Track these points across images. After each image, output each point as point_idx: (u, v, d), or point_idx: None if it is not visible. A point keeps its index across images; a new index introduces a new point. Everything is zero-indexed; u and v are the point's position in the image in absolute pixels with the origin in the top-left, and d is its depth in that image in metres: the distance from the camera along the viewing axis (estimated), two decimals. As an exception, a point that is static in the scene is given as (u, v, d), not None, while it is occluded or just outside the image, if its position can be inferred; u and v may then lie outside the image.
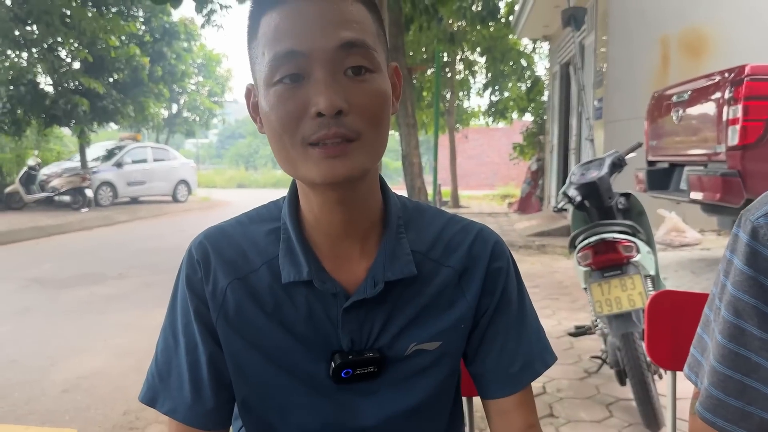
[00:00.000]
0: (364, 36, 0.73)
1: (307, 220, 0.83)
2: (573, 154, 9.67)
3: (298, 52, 0.71)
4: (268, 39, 0.73)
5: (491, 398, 0.89)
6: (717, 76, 3.88)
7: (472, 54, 16.11)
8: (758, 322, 0.68)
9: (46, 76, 13.60)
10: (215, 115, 23.41)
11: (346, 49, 0.71)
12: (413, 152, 7.83)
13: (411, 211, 0.89)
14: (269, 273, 0.83)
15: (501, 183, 23.04)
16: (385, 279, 0.81)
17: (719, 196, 3.67)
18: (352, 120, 0.72)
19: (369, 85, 0.73)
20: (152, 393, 0.86)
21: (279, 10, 0.72)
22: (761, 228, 0.68)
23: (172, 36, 17.14)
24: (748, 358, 0.69)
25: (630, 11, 7.04)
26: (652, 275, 2.69)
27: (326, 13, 0.71)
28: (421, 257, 0.86)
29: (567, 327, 4.00)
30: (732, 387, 0.70)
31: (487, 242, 0.89)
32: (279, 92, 0.72)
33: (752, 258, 0.69)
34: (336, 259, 0.83)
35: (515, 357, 0.88)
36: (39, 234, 10.14)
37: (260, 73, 0.75)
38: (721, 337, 0.72)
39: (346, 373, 0.81)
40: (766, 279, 0.68)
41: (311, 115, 0.71)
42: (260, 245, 0.85)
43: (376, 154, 0.76)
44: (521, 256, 7.42)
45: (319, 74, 0.71)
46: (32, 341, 4.28)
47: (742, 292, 0.70)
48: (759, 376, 0.68)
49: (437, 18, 7.89)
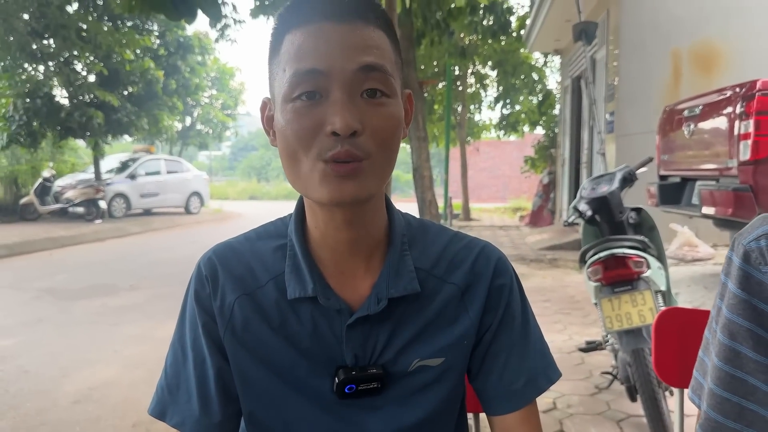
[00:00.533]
0: (383, 61, 0.75)
1: (313, 236, 0.85)
2: (584, 167, 9.65)
3: (318, 71, 0.72)
4: (290, 56, 0.74)
5: (495, 414, 0.89)
6: (728, 90, 3.87)
7: (484, 67, 16.16)
8: (753, 344, 0.70)
9: (62, 89, 13.78)
10: (228, 127, 23.59)
11: (365, 72, 0.73)
12: (424, 165, 7.84)
13: (415, 229, 0.91)
14: (276, 289, 0.85)
15: (512, 196, 23.00)
16: (388, 296, 0.83)
17: (731, 211, 3.64)
18: (364, 141, 0.73)
19: (384, 109, 0.75)
20: (161, 406, 0.87)
21: (303, 29, 0.74)
22: (753, 252, 0.70)
23: (187, 50, 17.32)
24: (744, 380, 0.70)
25: (642, 25, 7.04)
26: (663, 291, 2.68)
27: (349, 36, 0.74)
28: (425, 274, 0.87)
29: (578, 342, 3.98)
30: (730, 409, 0.71)
31: (490, 259, 0.90)
32: (296, 108, 0.74)
33: (745, 281, 0.70)
34: (341, 275, 0.85)
35: (519, 373, 0.88)
36: (53, 245, 10.24)
37: (279, 88, 0.76)
38: (717, 359, 0.73)
39: (349, 389, 0.82)
40: (759, 301, 0.69)
41: (326, 133, 0.72)
42: (267, 261, 0.87)
43: (383, 176, 0.77)
44: (532, 270, 7.39)
45: (337, 94, 0.73)
46: (44, 352, 4.31)
47: (736, 315, 0.71)
48: (756, 398, 0.69)
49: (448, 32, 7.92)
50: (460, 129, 15.90)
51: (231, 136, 27.05)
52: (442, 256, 0.89)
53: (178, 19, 4.54)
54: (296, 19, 0.76)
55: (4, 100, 13.42)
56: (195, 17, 4.54)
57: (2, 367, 3.96)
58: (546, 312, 5.16)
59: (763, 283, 0.69)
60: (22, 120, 13.16)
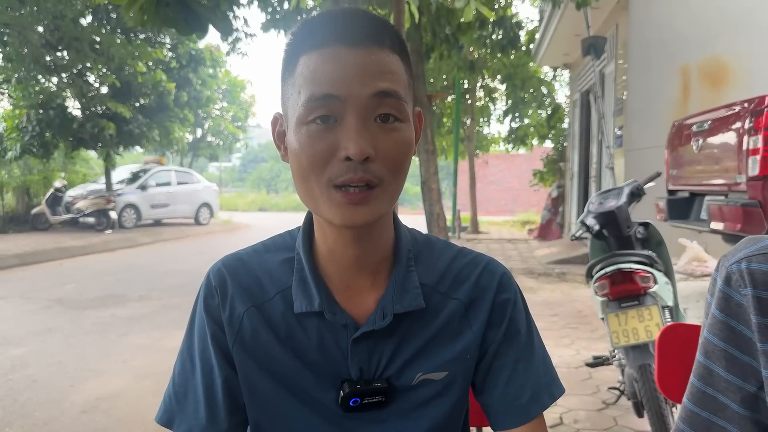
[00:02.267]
0: (397, 87, 0.76)
1: (321, 251, 0.86)
2: (593, 181, 9.64)
3: (334, 96, 0.73)
4: (305, 79, 0.75)
5: (501, 430, 0.90)
6: (737, 106, 3.86)
7: (493, 81, 16.19)
8: (725, 364, 0.72)
9: (75, 100, 13.92)
10: (238, 139, 23.75)
11: (379, 97, 0.74)
12: (432, 178, 7.85)
13: (421, 244, 0.92)
14: (283, 302, 0.86)
15: (521, 209, 22.94)
16: (393, 311, 0.84)
17: (740, 227, 3.62)
18: (377, 167, 0.74)
19: (397, 134, 0.76)
20: (169, 415, 0.88)
21: (319, 52, 0.75)
22: (734, 274, 0.72)
23: (198, 62, 17.47)
24: (715, 398, 0.73)
25: (650, 40, 7.05)
26: (671, 306, 2.67)
27: (364, 61, 0.74)
28: (430, 290, 0.88)
29: (586, 357, 3.96)
30: (699, 424, 0.74)
31: (494, 274, 0.91)
32: (311, 132, 0.75)
33: (725, 303, 0.73)
34: (347, 290, 0.86)
35: (523, 388, 0.88)
36: (63, 255, 10.31)
37: (293, 109, 0.77)
38: (693, 376, 0.76)
39: (354, 402, 0.83)
40: (737, 323, 0.71)
41: (340, 158, 0.73)
42: (274, 274, 0.88)
43: (393, 198, 0.79)
44: (540, 284, 7.37)
45: (351, 120, 0.73)
46: (53, 361, 4.34)
47: (712, 335, 0.74)
48: (725, 415, 0.72)
49: (457, 46, 7.95)
50: (469, 142, 15.92)
51: (241, 148, 27.25)
52: (447, 272, 0.90)
53: (190, 34, 4.60)
54: (311, 41, 0.76)
55: (17, 111, 13.58)
56: (206, 32, 4.61)
57: (12, 377, 3.99)
58: (554, 326, 5.15)
59: (742, 305, 0.71)
60: (35, 131, 13.30)
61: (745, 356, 0.71)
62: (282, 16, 7.50)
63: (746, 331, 0.71)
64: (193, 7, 4.50)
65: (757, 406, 0.70)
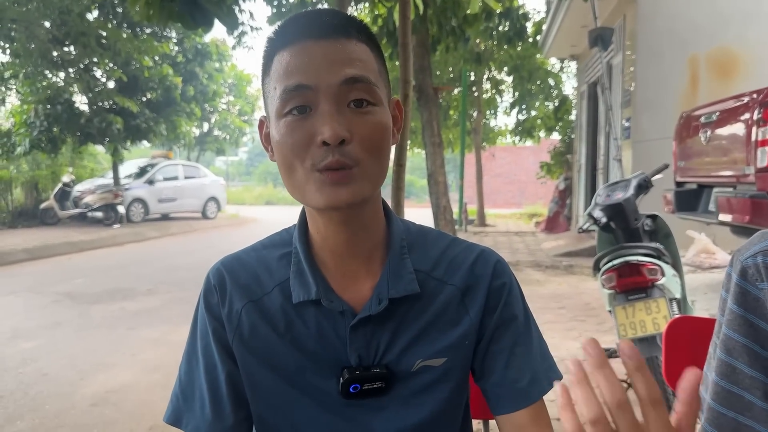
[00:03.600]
0: (366, 72, 0.79)
1: (315, 241, 0.89)
2: (601, 173, 9.60)
3: (305, 86, 0.77)
4: (279, 75, 0.79)
5: (501, 414, 0.90)
6: (746, 97, 3.83)
7: (499, 73, 16.13)
8: (748, 360, 0.71)
9: (82, 95, 13.98)
10: (245, 133, 23.74)
11: (349, 84, 0.78)
12: (439, 171, 7.84)
13: (414, 234, 0.95)
14: (281, 295, 0.88)
15: (528, 202, 22.89)
16: (389, 296, 0.86)
17: (748, 219, 3.61)
18: (353, 149, 0.77)
19: (370, 117, 0.79)
20: (177, 413, 0.91)
21: (290, 49, 0.79)
22: (749, 268, 0.71)
23: (204, 57, 17.49)
24: (740, 396, 0.71)
25: (658, 31, 7.00)
26: (678, 298, 2.66)
27: (332, 51, 0.78)
28: (425, 276, 0.90)
29: (593, 349, 3.96)
30: (726, 425, 0.72)
31: (488, 261, 0.93)
32: (288, 123, 0.78)
33: (742, 297, 0.72)
34: (343, 278, 0.88)
35: (522, 372, 0.90)
36: (71, 249, 10.38)
37: (272, 105, 0.81)
38: (715, 375, 0.74)
39: (354, 389, 0.85)
40: (755, 317, 0.70)
41: (317, 143, 0.77)
42: (272, 269, 0.91)
43: (376, 181, 0.82)
44: (548, 276, 7.36)
45: (324, 106, 0.77)
46: (63, 355, 4.38)
47: (732, 331, 0.72)
48: (752, 414, 0.70)
49: (464, 38, 7.90)
50: (476, 135, 15.89)
51: (248, 142, 27.24)
52: (441, 258, 0.92)
53: (195, 29, 4.60)
54: (283, 40, 0.80)
55: (25, 107, 13.65)
56: (212, 26, 4.60)
57: (22, 370, 4.03)
58: (561, 319, 5.14)
59: (759, 300, 0.70)
60: (43, 126, 13.36)
61: (766, 351, 0.70)
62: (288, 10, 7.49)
63: (764, 326, 0.70)
64: (199, 1, 4.49)
65: None
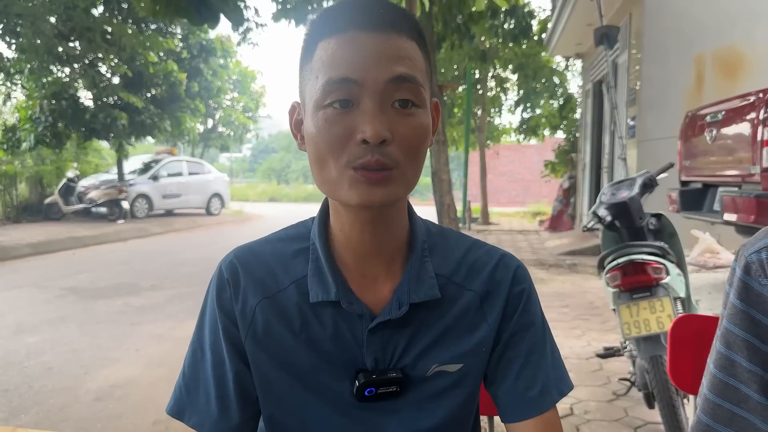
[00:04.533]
0: (414, 72, 0.76)
1: (338, 238, 0.86)
2: (605, 172, 9.58)
3: (351, 80, 0.74)
4: (323, 63, 0.75)
5: (511, 421, 0.89)
6: (752, 96, 3.82)
7: (504, 71, 16.08)
8: (748, 354, 0.72)
9: (87, 90, 13.99)
10: (249, 130, 23.78)
11: (396, 82, 0.75)
12: (443, 169, 7.83)
13: (435, 236, 0.92)
14: (297, 292, 0.86)
15: (532, 200, 22.84)
16: (410, 301, 0.84)
17: (753, 218, 3.59)
18: (393, 150, 0.75)
19: (413, 119, 0.76)
20: (179, 406, 0.88)
21: (337, 38, 0.75)
22: (753, 264, 0.72)
23: (209, 53, 17.49)
24: (737, 388, 0.72)
25: (664, 30, 6.98)
26: (683, 297, 2.66)
27: (382, 46, 0.75)
28: (445, 281, 0.88)
29: (596, 348, 3.96)
30: (721, 415, 0.73)
31: (509, 267, 0.91)
32: (328, 115, 0.75)
33: (744, 292, 0.72)
34: (362, 279, 0.86)
35: (534, 381, 0.88)
36: (76, 244, 10.40)
37: (311, 94, 0.77)
38: (713, 366, 0.75)
39: (369, 392, 0.83)
40: (757, 312, 0.71)
41: (357, 141, 0.74)
42: (289, 264, 0.88)
43: (410, 183, 0.79)
44: (552, 275, 7.36)
45: (368, 103, 0.74)
46: (67, 349, 4.39)
47: (733, 325, 0.73)
48: (748, 406, 0.71)
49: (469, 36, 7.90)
50: (480, 133, 15.86)
51: (252, 139, 27.27)
52: (462, 263, 0.90)
53: (201, 24, 4.61)
54: (330, 27, 0.76)
55: (30, 102, 13.68)
56: (218, 22, 4.61)
57: (27, 364, 4.04)
58: (565, 317, 5.14)
59: (762, 295, 0.71)
60: (47, 121, 13.38)
61: (765, 345, 0.71)
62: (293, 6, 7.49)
63: (766, 321, 0.70)
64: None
65: None
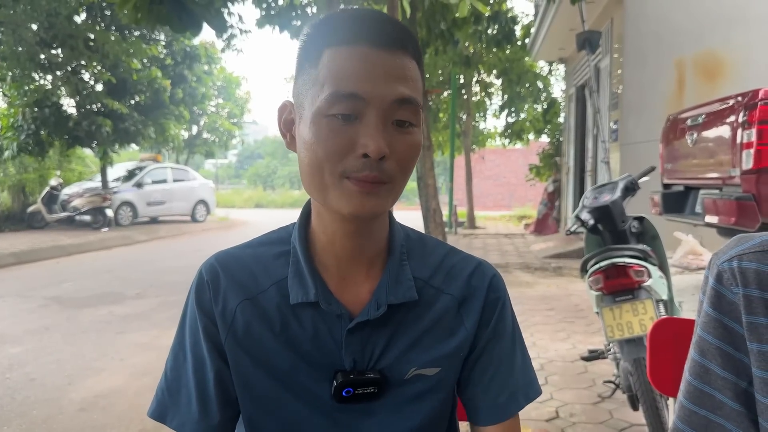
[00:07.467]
0: (416, 94, 0.79)
1: (320, 241, 0.88)
2: (589, 176, 9.66)
3: (359, 96, 0.75)
4: (330, 73, 0.76)
5: (479, 425, 0.93)
6: (731, 99, 3.87)
7: (488, 76, 16.20)
8: (721, 362, 0.73)
9: (70, 98, 13.90)
10: (234, 136, 23.66)
11: (400, 103, 0.77)
12: (428, 173, 7.86)
13: (414, 241, 0.95)
14: (278, 293, 0.87)
15: (517, 204, 22.97)
16: (388, 302, 0.86)
17: (734, 220, 3.64)
18: (390, 165, 0.78)
19: (410, 138, 0.80)
20: (161, 409, 0.89)
21: (347, 49, 0.77)
22: (725, 272, 0.73)
23: (193, 59, 17.42)
24: (712, 395, 0.74)
25: (645, 34, 7.06)
26: (665, 300, 2.68)
27: (390, 65, 0.77)
28: (423, 284, 0.90)
29: (582, 351, 3.98)
30: (697, 422, 0.74)
31: (485, 274, 0.94)
32: (330, 125, 0.76)
33: (717, 300, 0.74)
34: (342, 281, 0.88)
35: (503, 388, 0.92)
36: (59, 253, 10.30)
37: (312, 100, 0.78)
38: (689, 374, 0.77)
39: (347, 392, 0.85)
40: (729, 321, 0.72)
41: (357, 154, 0.76)
42: (269, 267, 0.89)
43: (398, 195, 0.82)
44: (537, 278, 7.39)
45: (372, 119, 0.76)
46: (51, 360, 4.34)
47: (707, 333, 0.74)
48: (723, 413, 0.73)
49: (453, 42, 7.94)
50: (465, 137, 15.93)
51: (237, 145, 27.09)
52: (439, 267, 0.93)
53: (183, 32, 4.60)
54: (339, 36, 0.78)
55: (13, 110, 13.55)
56: (200, 29, 4.60)
57: (9, 375, 4.00)
58: (550, 320, 5.17)
59: (734, 303, 0.72)
60: (30, 129, 13.27)
61: (738, 353, 0.72)
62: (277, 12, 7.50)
63: (738, 328, 0.72)
64: (187, 4, 4.48)
65: (749, 402, 0.71)
